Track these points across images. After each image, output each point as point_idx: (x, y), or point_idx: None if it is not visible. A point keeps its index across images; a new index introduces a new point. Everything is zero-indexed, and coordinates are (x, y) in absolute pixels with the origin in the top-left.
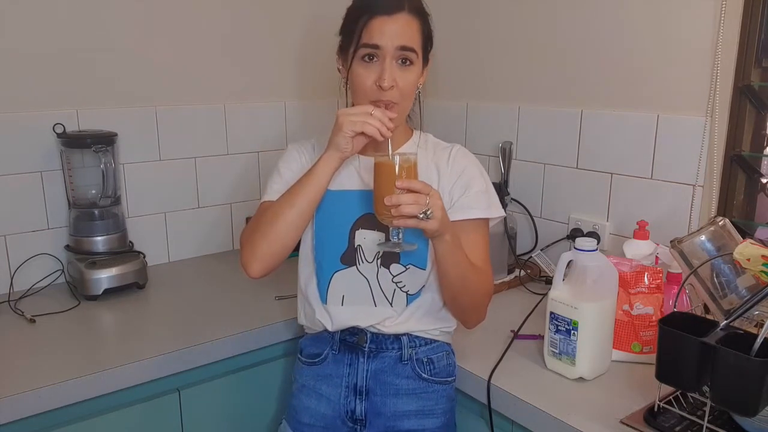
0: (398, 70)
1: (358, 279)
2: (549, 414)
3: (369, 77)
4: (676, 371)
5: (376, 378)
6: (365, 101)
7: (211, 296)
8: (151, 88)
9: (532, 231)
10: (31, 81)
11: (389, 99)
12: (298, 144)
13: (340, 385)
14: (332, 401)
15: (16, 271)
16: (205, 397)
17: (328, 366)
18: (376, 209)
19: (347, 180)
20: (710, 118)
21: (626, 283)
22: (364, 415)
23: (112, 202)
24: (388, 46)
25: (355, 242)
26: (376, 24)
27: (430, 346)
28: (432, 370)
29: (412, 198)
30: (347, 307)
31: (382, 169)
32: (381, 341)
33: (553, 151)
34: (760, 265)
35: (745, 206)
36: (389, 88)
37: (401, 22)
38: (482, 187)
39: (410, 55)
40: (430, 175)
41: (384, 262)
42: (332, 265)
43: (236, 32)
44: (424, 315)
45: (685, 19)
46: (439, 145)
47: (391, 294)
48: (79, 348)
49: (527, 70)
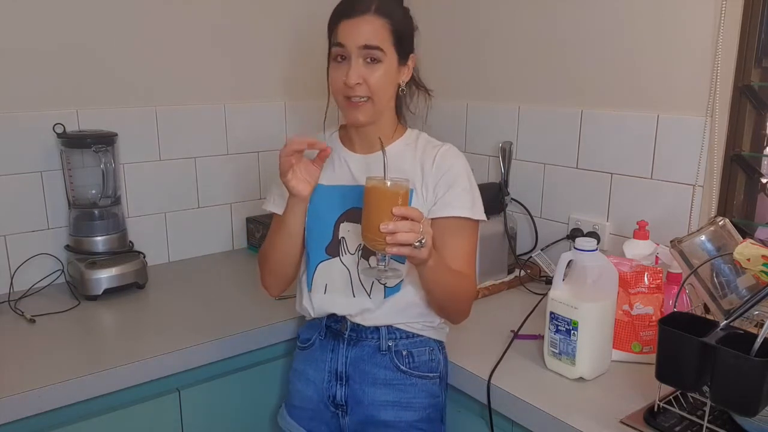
0: (364, 68)
1: (340, 269)
2: (549, 414)
3: (339, 76)
4: (676, 371)
5: (355, 365)
6: (339, 97)
7: (211, 296)
8: (151, 88)
9: (532, 231)
10: (31, 81)
11: (357, 95)
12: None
13: (323, 370)
14: (317, 385)
15: (16, 271)
16: (205, 397)
17: (315, 351)
18: (365, 235)
19: (340, 175)
20: (710, 118)
21: (626, 283)
22: (344, 400)
23: (112, 202)
24: (351, 45)
25: (339, 234)
26: (343, 26)
27: (411, 340)
28: (411, 363)
29: (408, 225)
30: (328, 295)
31: (377, 194)
32: (360, 330)
33: (553, 151)
34: (760, 265)
35: (745, 206)
36: (354, 84)
37: (365, 23)
38: (466, 187)
39: (375, 53)
40: (414, 173)
41: (364, 254)
42: (318, 255)
43: (236, 32)
44: (405, 308)
45: (685, 19)
46: (429, 144)
47: (369, 285)
48: (79, 348)
49: (527, 70)
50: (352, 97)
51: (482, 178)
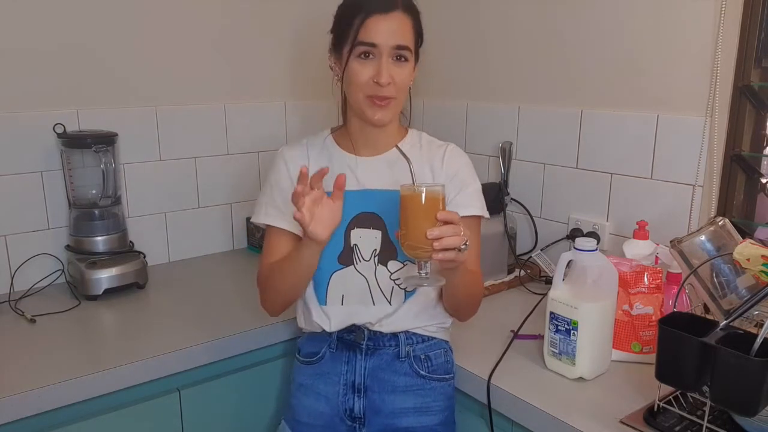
0: (394, 67)
1: (357, 278)
2: (549, 414)
3: (365, 73)
4: (676, 371)
5: (374, 375)
6: (360, 96)
7: (211, 296)
8: (151, 88)
9: (532, 231)
10: (31, 81)
11: (386, 94)
12: (288, 150)
13: (338, 383)
14: (330, 399)
15: (17, 271)
16: (205, 397)
17: (325, 364)
18: (408, 244)
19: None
20: (710, 118)
21: (626, 283)
22: (362, 413)
23: (112, 202)
24: (384, 45)
25: (351, 242)
26: (372, 23)
27: (427, 343)
28: (430, 367)
29: (453, 229)
30: (346, 307)
31: (417, 201)
32: (378, 338)
33: (553, 151)
34: (759, 265)
35: (744, 206)
36: (387, 84)
37: (396, 21)
38: (477, 187)
39: (405, 53)
40: (423, 174)
41: (381, 260)
42: (330, 266)
43: (237, 32)
44: (421, 311)
45: (685, 19)
46: (433, 143)
47: (389, 292)
48: (79, 348)
49: (527, 70)
50: (379, 96)
51: (482, 178)
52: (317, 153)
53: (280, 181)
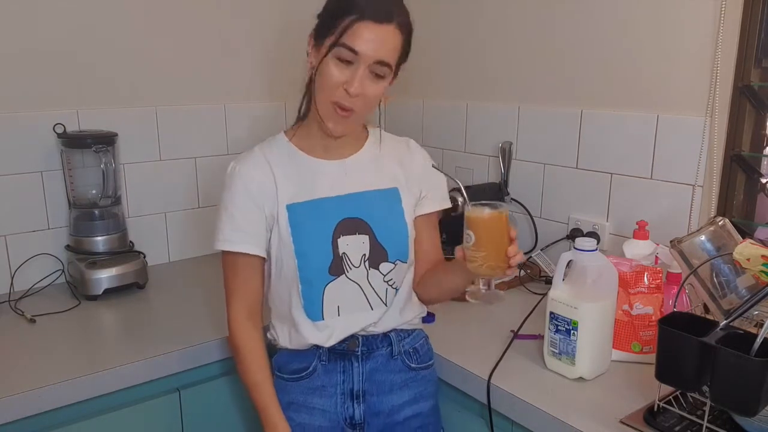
0: (368, 81)
1: (350, 286)
2: (549, 414)
3: (338, 77)
4: (675, 371)
5: (371, 379)
6: (326, 99)
7: (211, 296)
8: (151, 88)
9: (532, 231)
10: (31, 81)
11: (351, 106)
12: (242, 166)
13: (335, 394)
14: (328, 412)
15: (17, 271)
16: (205, 397)
17: (318, 378)
18: (487, 264)
19: (315, 187)
20: (710, 118)
21: (626, 283)
22: (363, 418)
23: (112, 202)
24: (366, 55)
25: (340, 251)
26: (361, 28)
27: (411, 336)
28: (418, 359)
29: (516, 246)
30: (344, 317)
31: (500, 222)
32: (371, 342)
33: (553, 151)
34: (759, 265)
35: (744, 206)
36: (355, 95)
37: (386, 34)
38: (441, 177)
39: (384, 69)
40: (395, 172)
41: (372, 264)
42: (322, 280)
43: (237, 32)
44: (405, 305)
45: (685, 19)
46: (392, 138)
47: (383, 293)
48: (79, 348)
49: (527, 70)
50: (343, 106)
51: (482, 178)
52: (280, 162)
53: (239, 204)
